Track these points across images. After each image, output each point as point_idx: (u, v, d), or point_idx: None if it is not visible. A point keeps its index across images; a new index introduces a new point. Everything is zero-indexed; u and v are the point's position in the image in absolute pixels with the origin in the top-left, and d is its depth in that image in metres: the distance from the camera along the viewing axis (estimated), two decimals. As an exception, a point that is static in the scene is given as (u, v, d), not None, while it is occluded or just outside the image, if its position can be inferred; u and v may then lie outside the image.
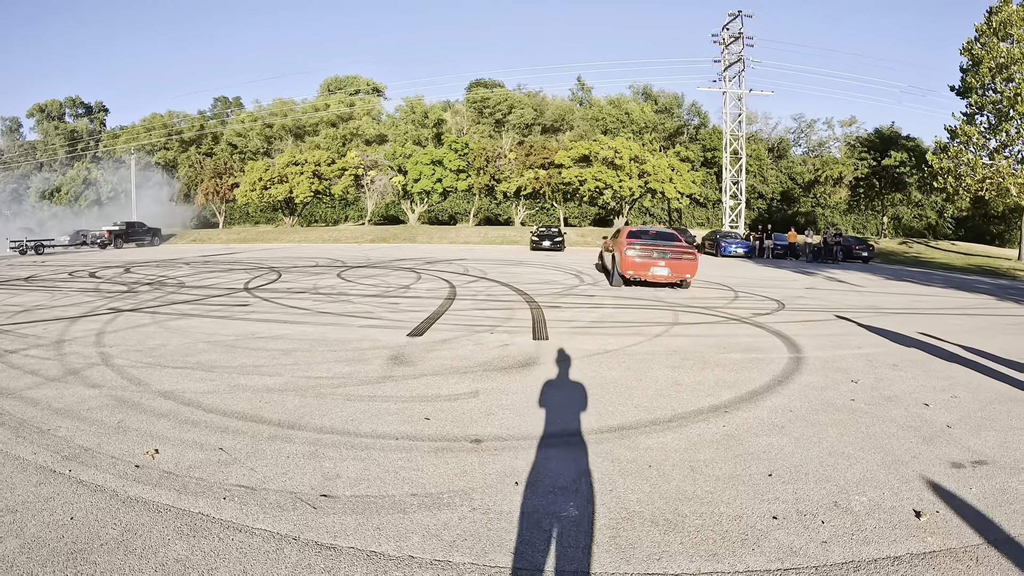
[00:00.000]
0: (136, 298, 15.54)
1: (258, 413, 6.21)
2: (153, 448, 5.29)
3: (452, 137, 65.85)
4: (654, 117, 77.18)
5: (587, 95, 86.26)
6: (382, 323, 11.77)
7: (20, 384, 7.44)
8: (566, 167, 57.75)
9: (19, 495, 4.46)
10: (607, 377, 7.78)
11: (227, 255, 36.09)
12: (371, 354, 8.99)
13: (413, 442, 5.49)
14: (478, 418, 6.13)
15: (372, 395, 6.89)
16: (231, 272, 23.26)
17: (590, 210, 70.06)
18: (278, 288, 17.58)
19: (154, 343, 9.80)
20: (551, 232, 42.67)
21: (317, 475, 4.80)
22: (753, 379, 7.76)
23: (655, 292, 17.19)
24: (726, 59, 57.07)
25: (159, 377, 7.64)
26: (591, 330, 11.28)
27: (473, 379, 7.63)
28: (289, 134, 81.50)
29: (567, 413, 6.34)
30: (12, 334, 10.91)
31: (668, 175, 56.15)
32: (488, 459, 5.10)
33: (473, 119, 79.40)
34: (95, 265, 29.03)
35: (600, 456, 5.14)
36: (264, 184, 63.18)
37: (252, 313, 12.93)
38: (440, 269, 24.65)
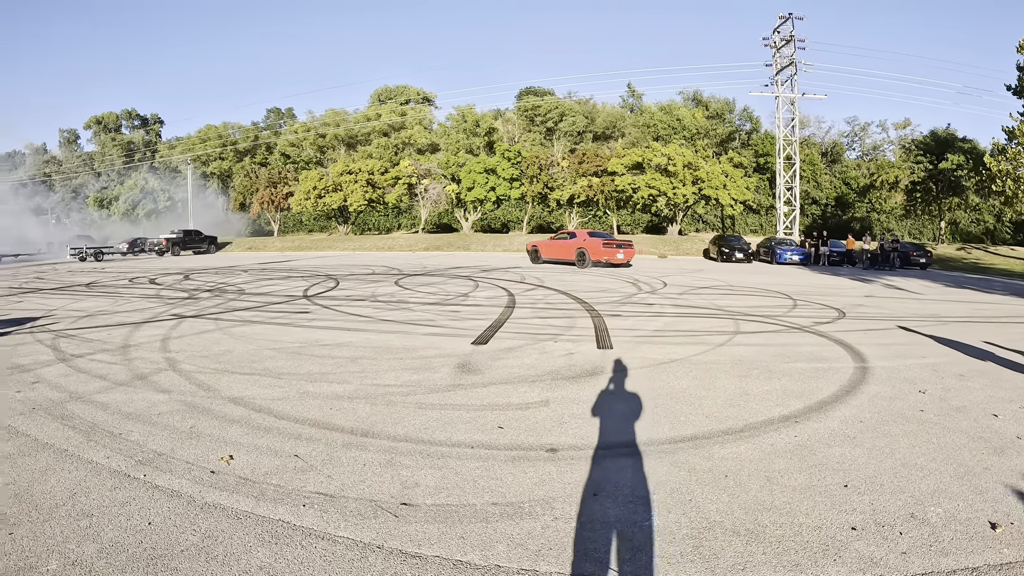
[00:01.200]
0: (198, 304, 15.79)
1: (330, 420, 6.19)
2: (227, 454, 5.29)
3: (504, 146, 65.78)
4: (705, 123, 76.14)
5: (637, 102, 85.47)
6: (445, 331, 11.75)
7: (89, 388, 7.54)
8: (619, 174, 57.20)
9: (94, 499, 4.47)
10: (675, 387, 7.67)
11: (283, 263, 36.58)
12: (437, 362, 8.96)
13: (489, 451, 5.44)
14: (551, 427, 6.06)
15: (443, 403, 6.85)
16: (289, 279, 23.54)
17: (642, 218, 69.25)
18: (337, 296, 17.69)
19: (220, 349, 9.91)
20: None
21: (396, 483, 4.75)
22: (820, 389, 7.63)
23: (713, 300, 16.95)
24: (777, 63, 56.11)
25: (227, 383, 7.69)
26: (654, 339, 11.12)
27: (542, 388, 7.55)
28: (341, 144, 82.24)
29: (639, 423, 6.25)
30: (77, 338, 11.10)
31: (722, 181, 55.23)
32: (565, 468, 5.04)
33: (524, 127, 79.21)
34: (154, 272, 29.62)
35: (676, 466, 5.09)
36: (318, 193, 63.87)
37: (314, 320, 13.01)
38: (497, 277, 24.62)
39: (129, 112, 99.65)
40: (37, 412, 6.61)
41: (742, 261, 39.23)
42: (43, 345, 10.56)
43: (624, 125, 77.97)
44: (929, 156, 66.72)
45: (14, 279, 27.61)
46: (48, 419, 6.35)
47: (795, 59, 54.50)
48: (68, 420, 6.30)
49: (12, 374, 8.53)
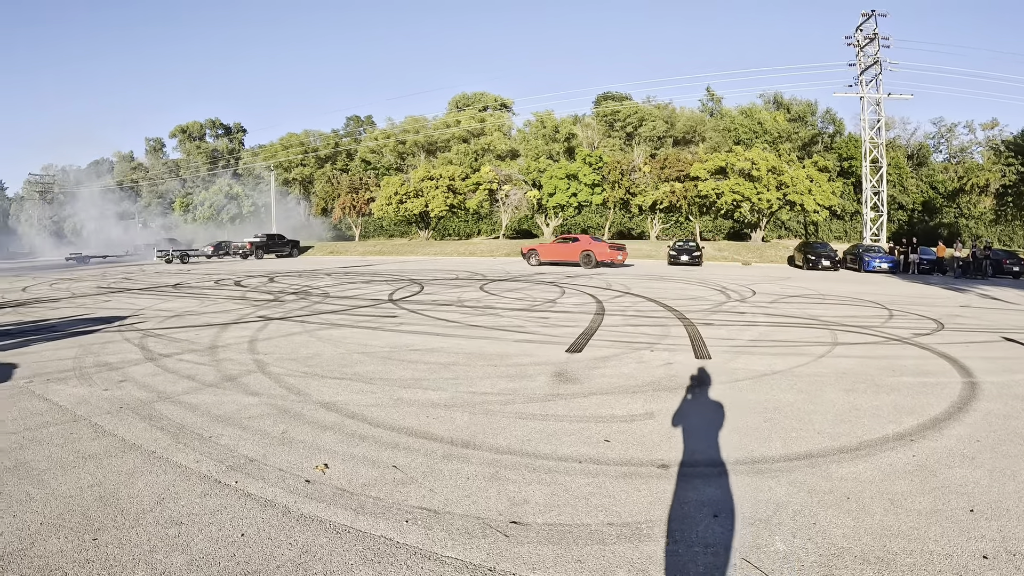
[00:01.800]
0: (283, 307, 15.83)
1: (427, 429, 5.93)
2: (322, 462, 5.06)
3: (585, 151, 65.38)
4: (787, 126, 74.10)
5: (717, 105, 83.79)
6: (537, 338, 11.44)
7: (177, 389, 7.46)
8: (702, 179, 56.23)
9: (183, 506, 4.29)
10: (781, 400, 7.29)
11: (365, 267, 36.85)
12: (533, 370, 8.66)
13: (598, 466, 5.12)
14: (660, 441, 5.73)
15: (544, 414, 6.52)
16: (372, 283, 23.56)
17: (724, 224, 67.91)
18: (423, 300, 17.56)
19: (308, 352, 9.79)
20: (689, 247, 41.93)
21: (503, 499, 4.45)
22: (931, 405, 7.23)
23: (806, 309, 16.29)
24: (861, 62, 53.80)
25: (318, 387, 7.52)
26: (752, 349, 10.69)
27: (645, 399, 7.20)
28: (421, 150, 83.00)
29: (750, 438, 5.90)
30: (165, 338, 11.13)
31: (807, 186, 53.60)
32: (679, 486, 4.75)
33: (603, 132, 78.62)
34: (239, 274, 30.15)
35: (795, 486, 4.79)
36: (400, 198, 64.48)
37: (402, 325, 12.85)
38: (582, 283, 24.23)
39: (213, 121, 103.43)
40: (124, 411, 6.54)
41: (828, 269, 37.96)
42: (131, 344, 10.62)
43: (704, 129, 76.76)
44: (1021, 158, 63.73)
45: (103, 279, 28.41)
46: (136, 419, 6.25)
47: (879, 58, 52.18)
48: (156, 421, 6.18)
49: (100, 372, 8.53)
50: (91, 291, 21.89)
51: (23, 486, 4.68)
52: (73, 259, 53.74)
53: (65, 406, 6.82)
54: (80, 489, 4.59)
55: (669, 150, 71.41)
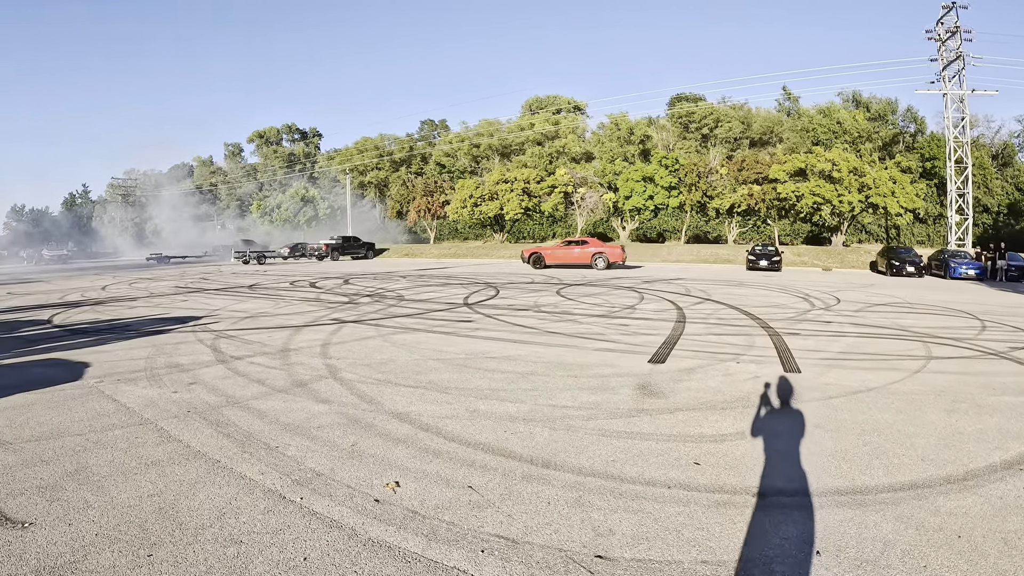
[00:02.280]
0: (358, 310, 15.74)
1: (505, 446, 5.60)
2: (393, 480, 4.77)
3: (662, 153, 64.53)
4: (867, 125, 71.37)
5: (794, 105, 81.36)
6: (617, 346, 11.04)
7: (246, 393, 7.29)
8: (781, 182, 54.84)
9: (244, 522, 4.07)
10: (879, 421, 6.80)
11: (440, 269, 36.91)
12: (615, 382, 8.27)
13: (688, 492, 4.72)
14: (753, 466, 5.33)
15: (628, 431, 6.14)
16: (447, 287, 23.46)
17: (803, 227, 66.12)
18: (499, 304, 17.32)
19: (381, 357, 9.59)
20: (768, 251, 41.03)
21: (587, 529, 4.09)
22: None
23: (894, 319, 15.52)
24: (943, 57, 51.26)
25: (391, 395, 7.27)
26: (842, 362, 10.14)
27: (734, 417, 6.79)
28: (495, 153, 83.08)
29: (850, 464, 5.47)
30: (238, 340, 11.07)
31: (890, 188, 51.54)
32: (778, 519, 4.36)
33: (678, 134, 77.41)
34: (315, 276, 30.42)
35: (901, 521, 4.38)
36: (475, 201, 64.65)
37: (477, 330, 12.60)
38: (660, 289, 23.70)
39: (289, 126, 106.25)
40: (192, 416, 6.39)
41: (913, 275, 36.48)
42: (203, 345, 10.57)
43: (782, 130, 74.93)
44: None
45: (181, 279, 28.96)
46: (202, 424, 6.09)
47: (962, 52, 49.60)
48: (223, 427, 6.00)
49: (170, 373, 8.45)
50: (168, 291, 22.25)
51: (82, 492, 4.55)
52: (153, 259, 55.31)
53: (133, 408, 6.74)
54: (140, 499, 4.42)
55: (746, 151, 70.07)
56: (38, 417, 6.49)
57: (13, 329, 13.45)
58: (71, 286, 26.27)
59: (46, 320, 14.63)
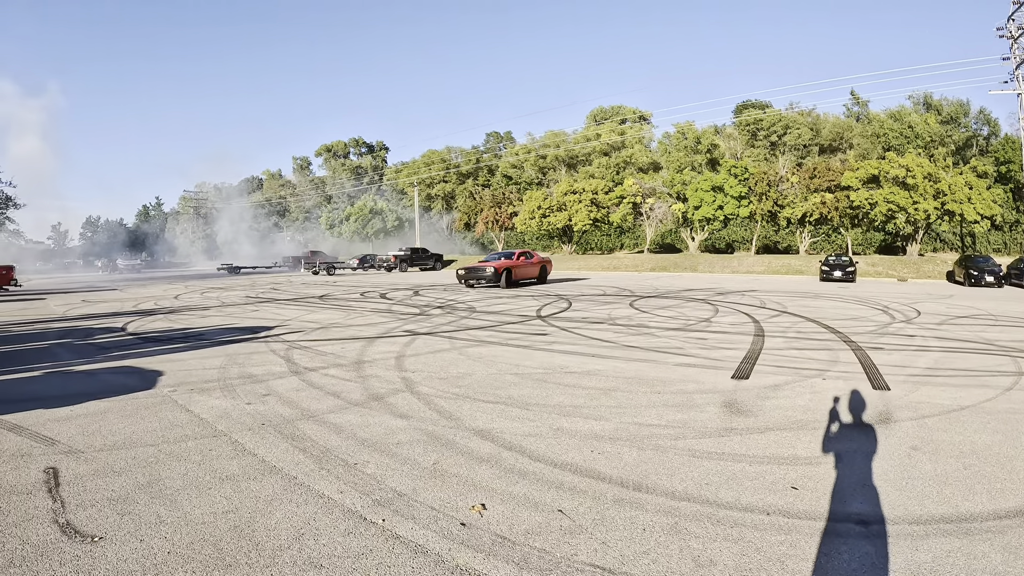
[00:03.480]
0: (430, 321, 15.64)
1: (593, 467, 5.34)
2: (479, 502, 4.55)
3: (731, 162, 63.64)
4: (939, 129, 69.09)
5: (863, 109, 79.46)
6: (697, 361, 10.70)
7: (322, 407, 7.16)
8: (854, 189, 53.45)
9: (324, 544, 3.90)
10: (977, 442, 6.40)
11: (508, 282, 36.55)
12: (700, 399, 7.96)
13: (789, 519, 4.42)
14: (853, 490, 5.00)
15: (720, 452, 5.84)
16: (518, 299, 23.26)
17: (875, 237, 64.37)
18: (572, 317, 17.06)
19: (458, 371, 9.41)
20: (842, 262, 40.17)
21: (687, 559, 3.82)
22: None
23: (980, 333, 14.84)
24: (1016, 55, 48.85)
25: (470, 411, 7.07)
26: (931, 379, 9.65)
27: (828, 437, 6.46)
28: (562, 164, 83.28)
29: (951, 488, 5.12)
30: (311, 351, 11.01)
31: (966, 194, 49.81)
32: (883, 548, 4.09)
33: (746, 142, 76.66)
34: (384, 287, 30.57)
35: (1010, 552, 4.09)
36: (543, 212, 64.67)
37: (553, 344, 12.36)
38: (734, 301, 23.19)
39: (356, 140, 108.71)
40: (266, 429, 6.28)
41: (992, 285, 35.03)
42: (276, 355, 10.54)
43: (851, 136, 73.41)
44: None
45: (252, 289, 29.34)
46: (278, 438, 5.96)
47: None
48: (299, 441, 5.85)
49: (244, 384, 8.39)
50: (239, 300, 22.52)
51: (154, 507, 4.44)
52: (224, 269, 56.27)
53: (206, 419, 6.67)
54: (214, 515, 4.29)
55: (816, 159, 68.92)
56: (111, 426, 6.47)
57: (87, 336, 13.67)
58: (144, 294, 26.84)
59: (120, 328, 14.87)
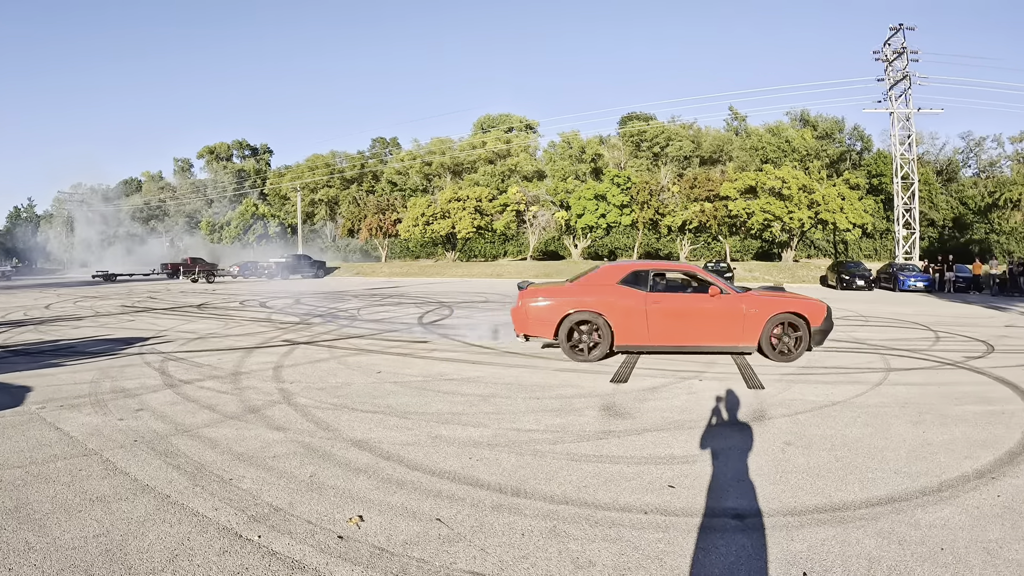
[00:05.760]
0: (310, 330, 15.37)
1: (471, 474, 5.36)
2: (356, 513, 4.50)
3: (614, 171, 65.15)
4: (815, 143, 73.16)
5: (742, 124, 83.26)
6: (576, 366, 10.87)
7: (196, 421, 6.96)
8: (732, 199, 55.96)
9: (199, 565, 3.79)
10: (848, 435, 6.79)
11: (392, 288, 36.52)
12: (579, 403, 8.10)
13: (666, 517, 4.54)
14: (729, 486, 5.20)
15: (598, 455, 5.96)
16: (401, 306, 23.14)
17: (753, 244, 67.53)
18: (454, 324, 17.10)
19: (337, 381, 9.28)
20: (720, 268, 42.44)
21: (566, 561, 3.87)
22: (1003, 437, 6.87)
23: (851, 333, 15.72)
24: (890, 77, 52.76)
25: (348, 421, 6.97)
26: (804, 377, 10.15)
27: (703, 436, 6.67)
28: (447, 171, 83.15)
29: (824, 480, 5.42)
30: (187, 362, 10.69)
31: (839, 204, 53.12)
32: (760, 540, 4.24)
33: (630, 152, 78.65)
34: (265, 295, 29.91)
35: (883, 537, 4.33)
36: (426, 220, 64.48)
37: (434, 351, 12.35)
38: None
39: (240, 142, 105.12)
40: (139, 446, 6.05)
41: (863, 289, 37.39)
42: (151, 368, 10.18)
43: (731, 148, 76.50)
44: None
45: (128, 297, 28.24)
46: (151, 455, 5.76)
47: (908, 72, 51.19)
48: (173, 458, 5.67)
49: (116, 399, 8.08)
50: (115, 310, 21.65)
51: (22, 533, 4.20)
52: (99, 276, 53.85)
53: (76, 437, 6.37)
54: (85, 540, 4.09)
55: (696, 170, 71.22)
56: (-27, 448, 6.11)
57: (-52, 351, 12.89)
58: (13, 303, 25.48)
59: (-16, 342, 14.08)
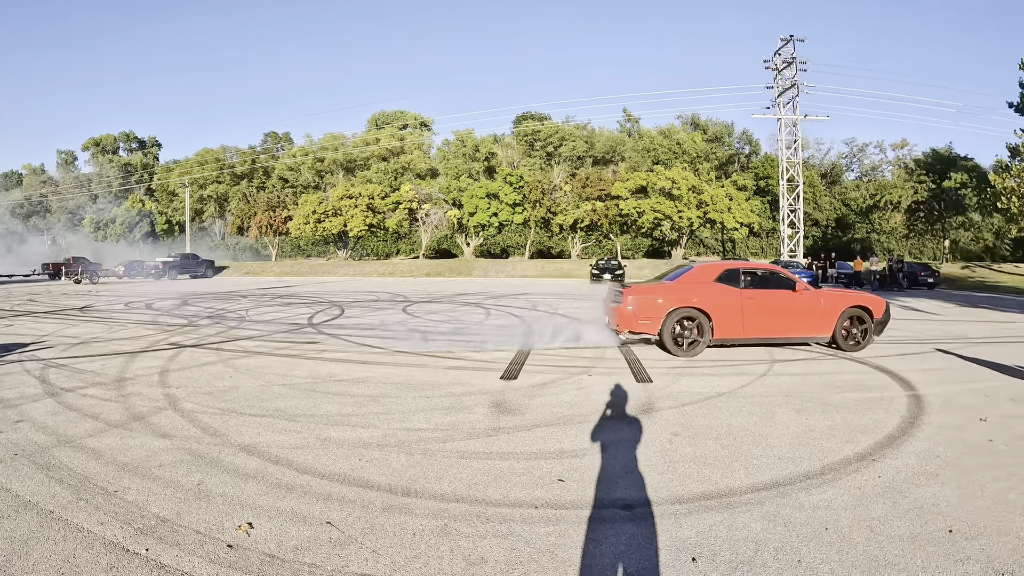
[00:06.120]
0: (198, 332, 14.96)
1: (361, 475, 5.35)
2: (246, 521, 4.43)
3: (507, 170, 65.57)
4: (705, 146, 75.79)
5: (635, 126, 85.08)
6: (468, 364, 10.95)
7: (79, 431, 6.70)
8: (623, 198, 57.29)
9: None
10: (734, 424, 7.08)
11: (283, 288, 35.83)
12: (469, 400, 8.17)
13: (557, 511, 4.66)
14: (618, 478, 5.35)
15: (488, 452, 6.04)
16: (291, 306, 22.72)
17: (644, 242, 69.38)
18: (345, 324, 16.90)
19: (224, 385, 9.06)
20: (611, 265, 42.92)
21: (458, 559, 3.93)
22: (883, 421, 7.29)
23: None
24: (779, 85, 55.53)
25: (236, 426, 6.84)
26: (691, 370, 10.49)
27: (593, 430, 6.83)
28: (340, 168, 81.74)
29: (711, 468, 5.64)
30: (68, 368, 10.30)
31: (726, 204, 55.56)
32: (649, 529, 4.37)
33: (524, 152, 79.06)
34: (151, 296, 28.90)
35: (769, 520, 4.53)
36: (318, 217, 63.49)
37: (324, 352, 12.18)
38: (507, 304, 23.88)
39: (127, 134, 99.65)
40: (19, 459, 5.79)
41: None
42: (31, 376, 9.75)
43: (624, 149, 77.91)
44: (932, 176, 68.06)
45: (6, 300, 26.89)
46: (32, 469, 5.53)
47: (797, 81, 53.96)
48: (55, 471, 5.46)
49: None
50: (-9, 315, 20.61)
51: None
52: (-27, 279, 51.11)
53: (-50, 453, 6.05)
54: (-37, 562, 3.90)
55: (589, 170, 72.28)
56: None
57: None
58: None
59: None
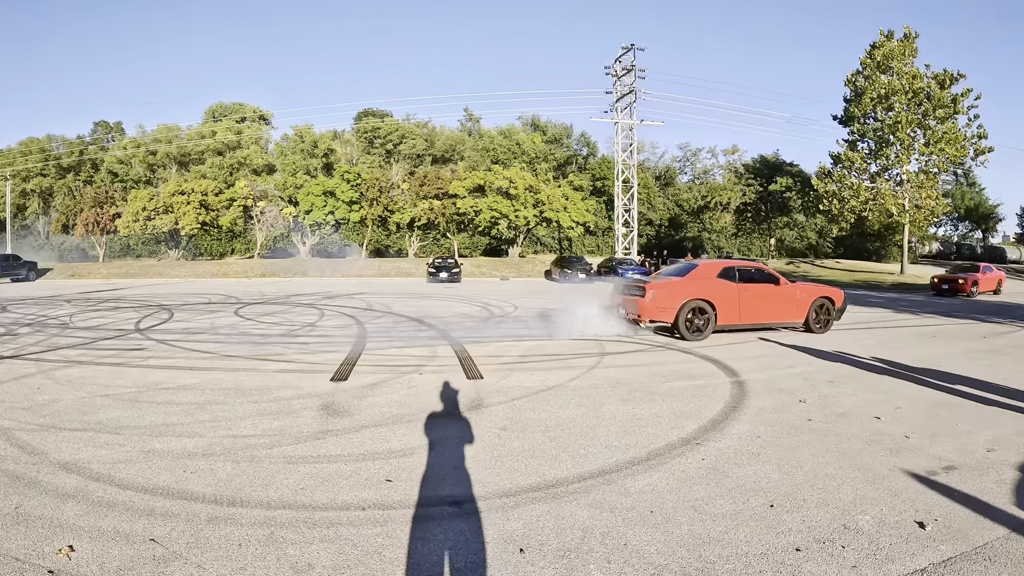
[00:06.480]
0: (15, 342, 14.00)
1: (186, 487, 5.30)
2: (66, 544, 4.29)
3: (344, 167, 64.57)
4: (544, 147, 77.49)
5: (476, 125, 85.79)
6: (298, 367, 10.93)
7: None
8: (461, 197, 57.80)
9: None
10: (563, 416, 7.40)
11: (111, 291, 33.87)
12: (297, 404, 8.18)
13: (384, 511, 4.78)
14: (445, 475, 5.53)
15: (315, 455, 6.10)
16: (118, 311, 21.61)
17: (482, 240, 70.07)
18: (173, 328, 16.32)
19: (43, 398, 8.61)
20: (448, 263, 43.20)
21: (284, 567, 3.97)
22: (707, 407, 7.79)
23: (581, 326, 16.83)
24: (618, 90, 58.16)
25: (56, 442, 6.55)
26: (523, 365, 10.89)
27: (421, 429, 6.99)
28: (174, 162, 77.78)
29: (538, 460, 5.89)
30: None
31: (563, 204, 57.10)
32: (477, 524, 4.53)
33: (363, 149, 78.12)
34: (-38, 303, 26.88)
35: (595, 507, 4.77)
36: (148, 215, 60.31)
37: (150, 359, 11.75)
38: (342, 304, 23.71)
39: None
40: None
41: (584, 281, 40.53)
42: None
43: (464, 148, 78.48)
44: (760, 179, 75.36)
45: None
46: None
47: (635, 88, 56.66)
48: None
49: None
50: None
51: None
52: None
53: None
54: None
55: (428, 168, 72.47)
56: None
57: None
58: None
59: None
